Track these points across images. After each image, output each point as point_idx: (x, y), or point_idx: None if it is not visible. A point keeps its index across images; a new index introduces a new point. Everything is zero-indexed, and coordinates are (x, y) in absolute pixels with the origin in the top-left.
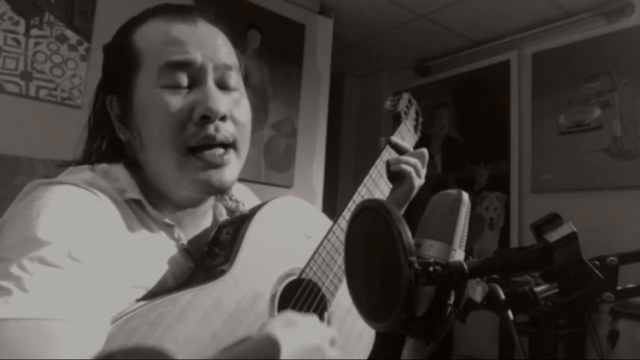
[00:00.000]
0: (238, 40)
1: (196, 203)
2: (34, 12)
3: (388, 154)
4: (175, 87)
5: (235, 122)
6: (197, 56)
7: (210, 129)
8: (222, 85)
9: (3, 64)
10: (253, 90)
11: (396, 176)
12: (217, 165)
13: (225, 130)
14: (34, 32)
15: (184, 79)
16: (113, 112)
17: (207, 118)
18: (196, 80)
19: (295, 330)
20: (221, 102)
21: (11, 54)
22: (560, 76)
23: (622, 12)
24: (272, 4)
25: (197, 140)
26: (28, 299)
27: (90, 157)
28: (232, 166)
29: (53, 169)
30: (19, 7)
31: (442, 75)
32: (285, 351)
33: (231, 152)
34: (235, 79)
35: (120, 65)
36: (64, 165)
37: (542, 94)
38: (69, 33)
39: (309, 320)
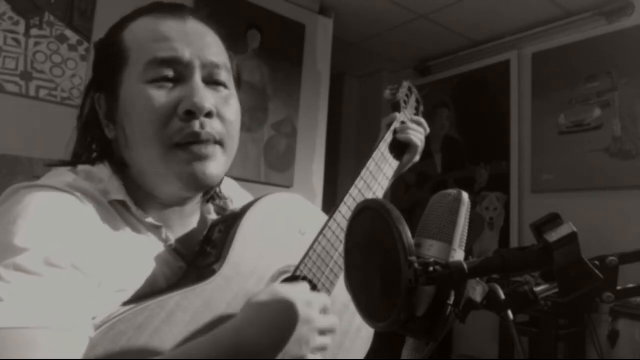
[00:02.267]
0: (238, 40)
1: (182, 201)
2: (34, 12)
3: (386, 145)
4: (161, 82)
5: (222, 120)
6: (185, 53)
7: (196, 125)
8: (210, 82)
9: (3, 64)
10: (253, 90)
11: (403, 151)
12: (202, 157)
13: (212, 127)
14: (34, 32)
15: (169, 74)
16: (101, 110)
17: (192, 114)
18: (183, 76)
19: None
20: (208, 98)
21: (11, 54)
22: (560, 76)
23: (622, 12)
24: (272, 4)
25: (182, 137)
26: (4, 308)
27: (79, 158)
28: (218, 160)
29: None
30: (19, 7)
31: (442, 75)
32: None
33: (217, 147)
34: (224, 77)
35: (109, 62)
36: (51, 165)
37: (542, 94)
38: (69, 33)
39: (296, 290)
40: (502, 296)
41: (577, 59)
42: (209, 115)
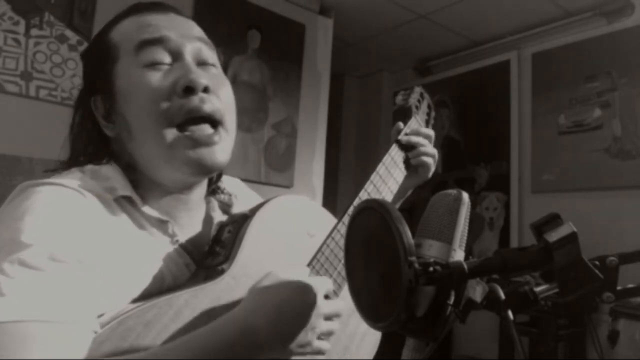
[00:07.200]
0: (238, 40)
1: (188, 187)
2: (34, 12)
3: (397, 149)
4: (155, 64)
5: (219, 98)
6: (171, 34)
7: (195, 100)
8: (200, 62)
9: (3, 64)
10: (253, 90)
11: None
12: (208, 143)
13: (211, 102)
14: (34, 32)
15: (162, 56)
16: (99, 112)
17: (191, 90)
18: (175, 57)
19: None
20: (202, 74)
21: (11, 54)
22: (560, 76)
23: (622, 12)
24: (272, 4)
25: (182, 115)
26: (4, 303)
27: (77, 159)
28: (223, 144)
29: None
30: (19, 7)
31: (442, 75)
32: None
33: (220, 130)
34: (212, 57)
35: (99, 62)
36: (49, 170)
37: (542, 94)
38: (69, 33)
39: (297, 274)
40: (502, 296)
41: (577, 59)
42: (206, 90)
